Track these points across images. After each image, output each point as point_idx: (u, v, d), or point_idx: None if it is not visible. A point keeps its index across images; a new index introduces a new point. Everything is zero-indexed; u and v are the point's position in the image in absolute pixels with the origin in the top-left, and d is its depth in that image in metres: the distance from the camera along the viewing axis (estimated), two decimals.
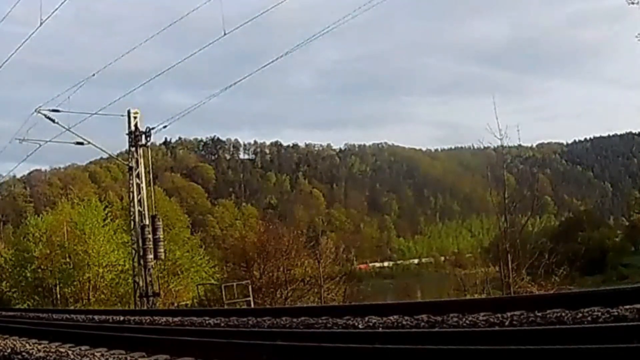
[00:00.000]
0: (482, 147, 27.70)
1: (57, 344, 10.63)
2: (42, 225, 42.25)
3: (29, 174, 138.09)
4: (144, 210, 26.97)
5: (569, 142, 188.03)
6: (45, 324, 16.51)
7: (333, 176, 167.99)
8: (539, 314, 7.33)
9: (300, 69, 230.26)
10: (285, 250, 31.74)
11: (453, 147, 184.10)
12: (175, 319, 13.75)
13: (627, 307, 6.68)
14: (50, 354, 8.26)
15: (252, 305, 25.58)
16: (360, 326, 8.89)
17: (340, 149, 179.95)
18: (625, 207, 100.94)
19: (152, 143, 28.06)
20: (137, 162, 27.03)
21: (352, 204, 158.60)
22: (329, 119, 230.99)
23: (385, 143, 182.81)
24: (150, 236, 26.12)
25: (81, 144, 27.64)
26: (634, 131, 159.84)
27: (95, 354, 8.30)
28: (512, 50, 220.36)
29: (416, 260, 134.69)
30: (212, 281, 35.65)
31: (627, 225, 75.64)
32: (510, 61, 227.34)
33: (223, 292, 27.15)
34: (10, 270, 42.70)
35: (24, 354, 8.43)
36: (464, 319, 7.94)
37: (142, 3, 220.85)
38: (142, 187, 27.19)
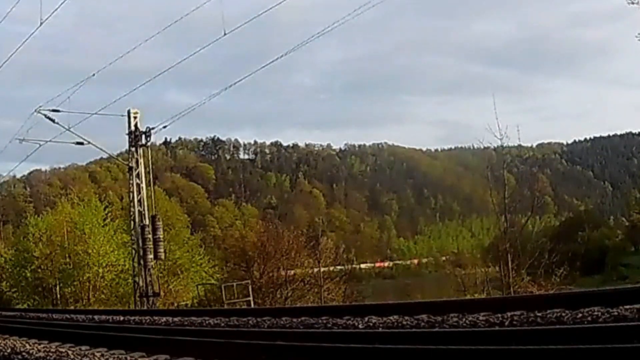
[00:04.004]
0: (482, 147, 27.71)
1: (57, 344, 10.62)
2: (42, 225, 42.17)
3: (29, 174, 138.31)
4: (144, 210, 26.98)
5: (569, 142, 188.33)
6: (45, 324, 16.49)
7: (333, 176, 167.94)
8: (539, 314, 7.33)
9: (302, 69, 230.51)
10: (285, 250, 31.76)
11: (453, 147, 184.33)
12: (175, 319, 13.75)
13: (627, 307, 6.67)
14: (50, 354, 8.25)
15: (252, 305, 25.58)
16: (360, 326, 8.89)
17: (340, 149, 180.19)
18: (625, 207, 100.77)
19: (152, 143, 28.13)
20: (137, 162, 27.03)
21: (352, 204, 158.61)
22: (330, 118, 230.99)
23: (385, 143, 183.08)
24: (150, 236, 26.12)
25: (81, 144, 27.67)
26: (634, 131, 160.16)
27: (95, 354, 8.29)
28: (513, 50, 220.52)
29: (416, 260, 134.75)
30: (212, 281, 35.64)
31: (627, 225, 75.51)
32: (512, 61, 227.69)
33: (223, 292, 27.17)
34: (10, 270, 42.65)
35: (24, 354, 8.43)
36: (464, 319, 7.94)
37: (143, 3, 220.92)
38: (142, 187, 27.19)
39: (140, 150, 27.10)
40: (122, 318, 15.86)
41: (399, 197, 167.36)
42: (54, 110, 26.26)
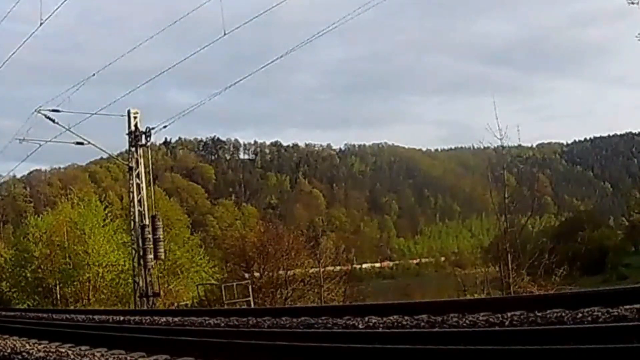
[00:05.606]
0: (482, 147, 27.70)
1: (57, 344, 10.62)
2: (42, 225, 42.18)
3: (29, 174, 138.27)
4: (144, 210, 26.96)
5: (569, 142, 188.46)
6: (45, 324, 16.50)
7: (333, 176, 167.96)
8: (539, 314, 7.33)
9: (302, 69, 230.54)
10: (285, 250, 31.75)
11: (453, 147, 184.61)
12: (175, 319, 13.75)
13: (627, 307, 6.68)
14: (50, 354, 8.26)
15: (252, 305, 25.58)
16: (360, 326, 8.89)
17: (340, 149, 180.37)
18: (625, 207, 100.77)
19: (152, 143, 28.10)
20: (137, 162, 27.02)
21: (352, 204, 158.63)
22: (330, 118, 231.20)
23: (385, 143, 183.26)
24: (150, 236, 26.10)
25: (81, 144, 27.63)
26: (634, 131, 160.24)
27: (95, 354, 8.30)
28: (513, 50, 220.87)
29: (416, 261, 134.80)
30: (212, 281, 35.63)
31: (627, 226, 75.49)
32: (512, 61, 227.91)
33: (223, 292, 27.14)
34: (10, 270, 42.67)
35: (24, 354, 8.43)
36: (464, 319, 7.94)
37: (144, 3, 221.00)
38: (142, 187, 27.18)
39: (140, 150, 27.08)
40: (122, 318, 15.86)
41: (399, 197, 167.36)
42: (54, 110, 26.25)
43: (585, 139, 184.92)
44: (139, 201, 27.02)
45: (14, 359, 8.34)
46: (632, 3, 19.72)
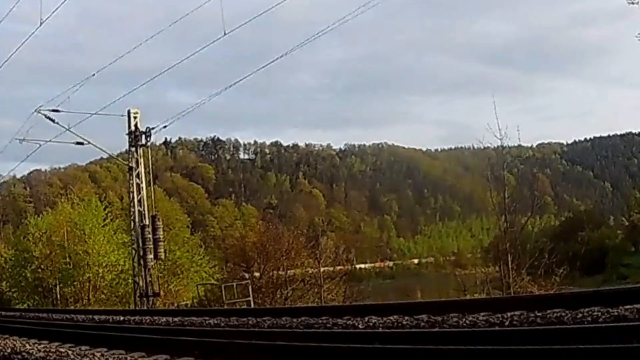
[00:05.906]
0: (482, 147, 27.68)
1: (57, 344, 10.63)
2: (42, 225, 42.18)
3: (29, 174, 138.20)
4: (144, 210, 26.97)
5: (569, 142, 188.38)
6: (45, 324, 16.50)
7: (333, 176, 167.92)
8: (539, 314, 7.34)
9: (302, 69, 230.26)
10: (285, 250, 31.76)
11: (453, 147, 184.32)
12: (175, 319, 13.75)
13: (627, 307, 6.68)
14: (50, 354, 8.27)
15: (252, 305, 25.58)
16: (360, 326, 8.89)
17: (340, 149, 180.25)
18: (625, 207, 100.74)
19: (152, 143, 28.12)
20: (137, 162, 27.03)
21: (352, 204, 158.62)
22: (330, 118, 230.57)
23: (385, 143, 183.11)
24: (150, 236, 26.11)
25: (81, 144, 27.65)
26: (634, 131, 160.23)
27: (95, 354, 8.30)
28: (514, 50, 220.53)
29: (416, 260, 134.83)
30: (212, 281, 35.63)
31: (627, 225, 75.46)
32: (512, 61, 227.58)
33: (223, 292, 27.14)
34: (10, 270, 42.65)
35: (24, 354, 8.44)
36: (464, 319, 7.94)
37: (144, 2, 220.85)
38: (142, 187, 27.18)
39: (140, 150, 27.09)
40: (122, 318, 15.86)
41: (399, 197, 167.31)
42: (54, 110, 26.26)
43: (585, 139, 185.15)
44: (139, 201, 27.02)
45: (14, 359, 8.35)
46: (632, 3, 19.77)
